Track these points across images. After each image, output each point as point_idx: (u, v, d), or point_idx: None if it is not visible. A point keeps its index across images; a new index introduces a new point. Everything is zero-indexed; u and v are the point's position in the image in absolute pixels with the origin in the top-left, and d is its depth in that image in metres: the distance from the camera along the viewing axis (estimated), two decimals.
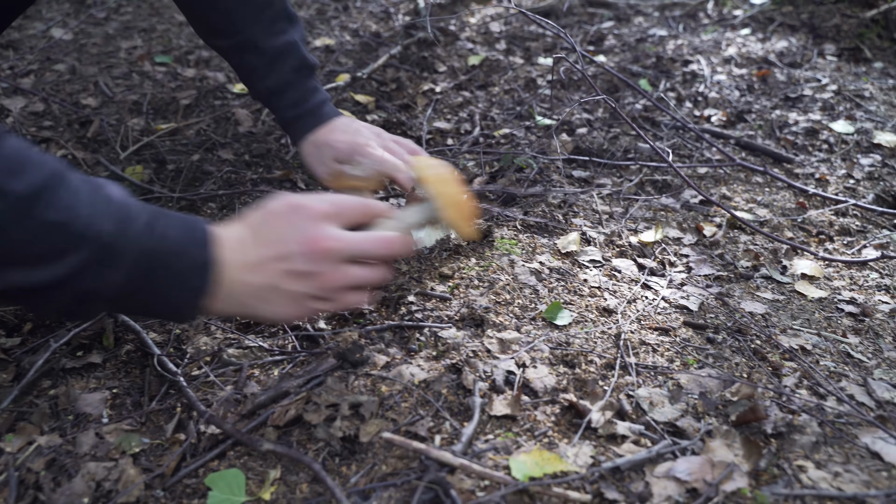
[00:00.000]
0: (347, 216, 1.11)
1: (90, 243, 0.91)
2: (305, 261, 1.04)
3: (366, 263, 1.10)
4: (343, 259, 1.07)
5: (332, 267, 1.06)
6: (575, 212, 1.84)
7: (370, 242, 1.08)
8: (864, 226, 2.02)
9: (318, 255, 1.04)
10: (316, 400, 1.12)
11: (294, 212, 1.07)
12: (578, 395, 1.16)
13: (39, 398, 1.26)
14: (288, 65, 1.66)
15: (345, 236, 1.07)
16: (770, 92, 2.89)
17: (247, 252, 1.05)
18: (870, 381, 1.27)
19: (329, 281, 1.06)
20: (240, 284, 1.04)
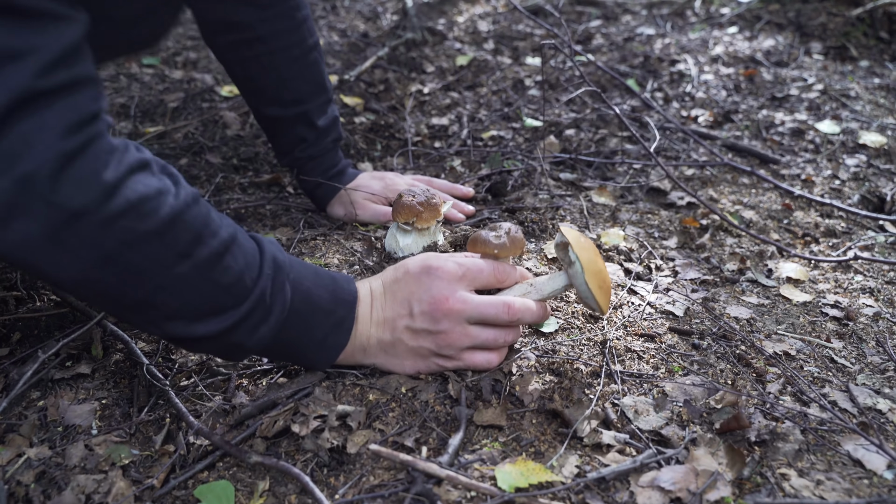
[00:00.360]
0: (478, 279, 1.19)
1: (250, 303, 1.03)
2: (428, 320, 1.14)
3: (493, 326, 1.18)
4: (467, 320, 1.15)
5: (454, 326, 1.14)
6: (562, 215, 1.85)
7: (493, 307, 1.16)
8: (850, 227, 2.04)
9: (441, 314, 1.13)
10: (304, 411, 1.12)
11: (426, 272, 1.16)
12: (564, 404, 1.17)
13: (28, 409, 1.26)
14: (331, 137, 1.81)
15: (469, 298, 1.15)
16: (757, 91, 2.91)
17: (379, 309, 1.18)
18: (852, 387, 1.28)
19: (451, 340, 1.14)
20: (371, 339, 1.17)
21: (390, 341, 1.17)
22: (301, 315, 1.10)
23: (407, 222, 1.50)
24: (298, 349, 1.14)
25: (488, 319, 1.16)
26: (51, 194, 0.83)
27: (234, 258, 1.01)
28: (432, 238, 1.56)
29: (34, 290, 1.56)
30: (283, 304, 1.07)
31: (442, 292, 1.14)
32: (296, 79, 1.73)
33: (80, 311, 1.48)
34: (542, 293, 1.22)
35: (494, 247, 1.23)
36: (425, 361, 1.18)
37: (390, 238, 1.56)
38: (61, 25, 0.86)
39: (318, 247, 1.62)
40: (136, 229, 0.90)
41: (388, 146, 2.42)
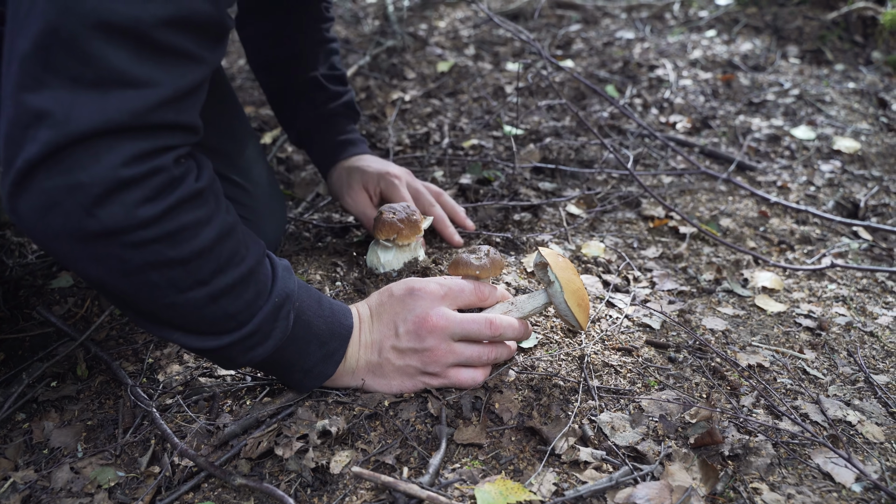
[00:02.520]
0: (460, 298, 1.23)
1: (251, 327, 1.06)
2: (413, 338, 1.18)
3: (477, 343, 1.22)
4: (451, 337, 1.19)
5: (439, 344, 1.18)
6: (542, 227, 1.88)
7: (475, 323, 1.20)
8: (824, 234, 2.08)
9: (426, 331, 1.17)
10: (286, 432, 1.14)
11: (409, 294, 1.20)
12: (543, 421, 1.20)
13: (13, 432, 1.27)
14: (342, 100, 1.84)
15: (452, 315, 1.19)
16: (734, 97, 2.94)
17: (366, 332, 1.22)
18: (823, 400, 1.32)
19: (436, 357, 1.19)
20: (357, 361, 1.21)
21: (377, 362, 1.20)
22: (297, 342, 1.14)
23: (388, 239, 1.52)
24: (287, 371, 1.18)
25: (472, 335, 1.20)
26: (93, 207, 0.88)
27: (247, 289, 1.05)
28: (413, 254, 1.58)
29: (18, 310, 1.57)
30: (283, 331, 1.11)
31: (426, 311, 1.18)
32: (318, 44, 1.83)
33: (64, 331, 1.49)
34: (522, 311, 1.26)
35: (476, 268, 1.26)
36: (412, 380, 1.21)
37: (371, 254, 1.58)
38: (192, 65, 0.93)
39: (301, 262, 1.64)
40: (164, 254, 0.95)
41: None
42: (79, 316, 1.58)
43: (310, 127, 1.83)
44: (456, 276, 1.29)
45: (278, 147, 2.44)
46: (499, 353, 1.24)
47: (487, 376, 1.26)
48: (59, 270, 1.75)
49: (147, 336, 1.47)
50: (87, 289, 1.66)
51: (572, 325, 1.26)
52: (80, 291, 1.65)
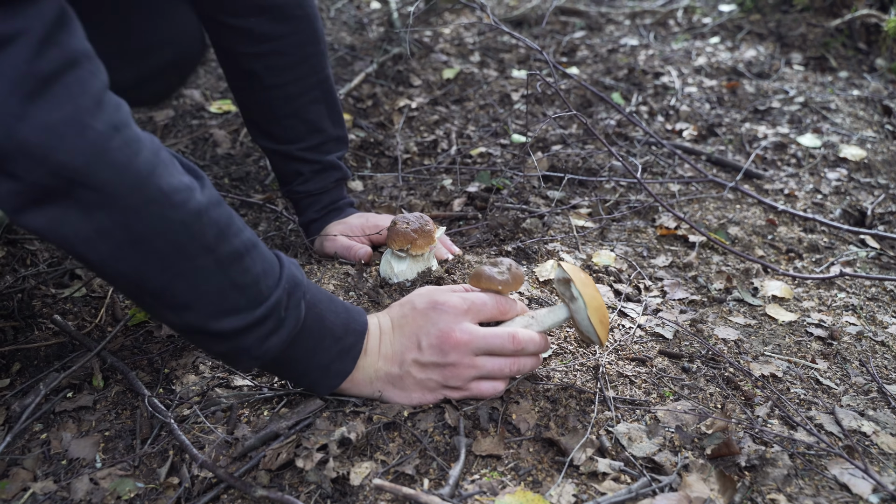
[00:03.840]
0: (482, 313, 1.23)
1: (265, 309, 1.06)
2: (436, 353, 1.17)
3: (499, 356, 1.21)
4: (473, 352, 1.19)
5: (462, 358, 1.18)
6: (552, 236, 1.88)
7: (498, 338, 1.20)
8: (832, 242, 2.09)
9: (450, 347, 1.17)
10: (306, 444, 1.15)
11: (433, 308, 1.20)
12: (560, 432, 1.20)
13: (31, 442, 1.28)
14: (332, 177, 1.79)
15: (476, 331, 1.19)
16: (739, 104, 2.95)
17: (386, 343, 1.22)
18: (837, 410, 1.32)
19: (459, 372, 1.19)
20: (377, 372, 1.21)
21: (398, 374, 1.20)
22: (312, 335, 1.14)
23: (401, 249, 1.52)
24: (303, 369, 1.18)
25: (494, 350, 1.20)
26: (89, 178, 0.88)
27: (253, 261, 1.05)
28: (426, 264, 1.58)
29: (32, 319, 1.58)
30: (296, 320, 1.10)
31: (449, 325, 1.18)
32: (289, 118, 1.71)
33: (78, 340, 1.50)
34: (543, 325, 1.26)
35: (498, 283, 1.27)
36: (433, 393, 1.22)
37: (385, 264, 1.58)
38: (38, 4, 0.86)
39: (314, 272, 1.65)
40: (165, 217, 0.95)
41: (377, 164, 2.45)
42: (93, 326, 1.59)
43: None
44: (477, 288, 1.29)
45: None
46: (522, 365, 1.24)
47: (507, 387, 1.27)
48: (72, 279, 1.76)
49: (162, 346, 1.48)
50: (100, 298, 1.66)
51: (592, 341, 1.27)
52: (94, 301, 1.66)
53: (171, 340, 1.50)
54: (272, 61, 1.64)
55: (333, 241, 1.74)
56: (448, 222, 1.97)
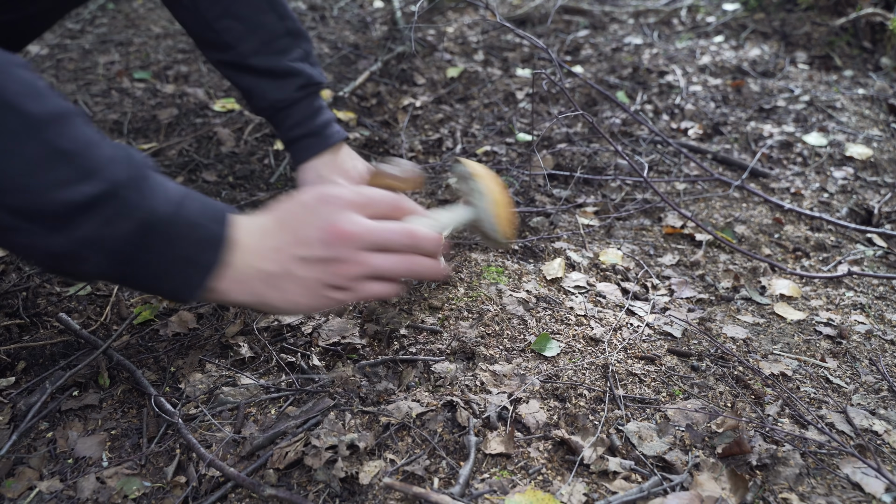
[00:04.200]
0: (376, 208, 1.08)
1: (101, 183, 0.86)
2: (323, 246, 1.02)
3: (393, 252, 1.06)
4: (364, 247, 1.04)
5: (351, 253, 1.03)
6: (558, 234, 1.87)
7: (393, 232, 1.06)
8: (839, 241, 2.07)
9: (337, 240, 1.02)
10: (315, 442, 1.14)
11: (321, 200, 1.05)
12: (570, 431, 1.19)
13: (37, 441, 1.27)
14: (292, 84, 1.62)
15: (367, 223, 1.04)
16: (745, 103, 2.94)
17: (265, 238, 1.04)
18: (848, 409, 1.32)
19: (348, 269, 1.03)
20: (253, 270, 1.02)
21: (277, 273, 1.03)
22: (168, 222, 0.94)
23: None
24: (163, 266, 0.96)
25: (388, 245, 1.06)
26: None
27: (77, 129, 0.87)
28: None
29: (37, 317, 1.57)
30: (148, 202, 0.91)
31: (338, 217, 1.04)
32: (221, 18, 1.55)
33: (84, 338, 1.49)
34: (442, 224, 1.17)
35: (395, 179, 1.20)
36: (317, 297, 1.06)
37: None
38: None
39: None
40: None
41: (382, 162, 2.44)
42: (98, 324, 1.58)
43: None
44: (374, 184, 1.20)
45: None
46: (418, 265, 1.09)
47: (399, 291, 1.12)
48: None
49: (168, 344, 1.47)
50: (105, 297, 1.65)
51: (496, 240, 1.19)
52: (99, 299, 1.65)
53: (177, 339, 1.49)
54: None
55: None
56: None
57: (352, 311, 1.49)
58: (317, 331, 1.43)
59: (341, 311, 1.48)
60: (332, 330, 1.43)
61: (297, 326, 1.45)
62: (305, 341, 1.41)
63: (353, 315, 1.48)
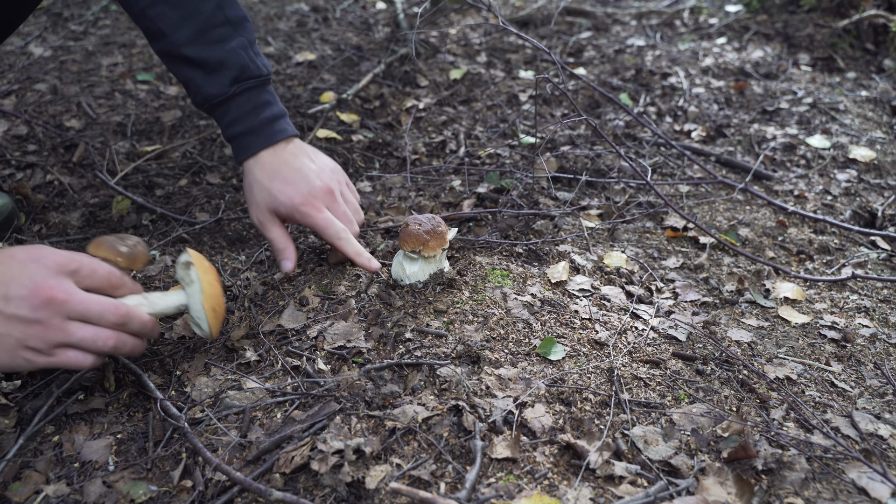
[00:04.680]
0: (88, 277, 1.11)
1: None
2: (26, 306, 1.04)
3: (98, 325, 1.11)
4: (70, 315, 1.07)
5: (52, 318, 1.06)
6: (563, 237, 1.88)
7: (100, 304, 1.09)
8: (843, 243, 2.08)
9: (41, 302, 1.05)
10: (321, 447, 1.14)
11: (34, 259, 1.07)
12: (575, 435, 1.20)
13: (44, 445, 1.27)
14: (226, 76, 1.53)
15: (74, 291, 1.08)
16: (748, 105, 2.94)
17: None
18: (854, 413, 1.32)
19: (47, 333, 1.06)
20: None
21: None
22: None
23: (413, 250, 1.52)
24: None
25: (93, 317, 1.10)
26: None
27: None
28: (438, 265, 1.58)
29: None
30: None
31: (47, 280, 1.06)
32: (153, 6, 1.50)
33: None
34: (154, 307, 1.23)
35: (118, 254, 1.22)
36: (12, 354, 1.08)
37: (396, 266, 1.58)
38: None
39: (324, 273, 1.64)
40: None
41: (386, 164, 2.44)
42: None
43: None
44: (95, 255, 1.21)
45: None
46: (122, 343, 1.14)
47: (97, 364, 1.17)
48: None
49: (173, 348, 1.47)
50: None
51: (203, 331, 1.27)
52: None
53: (183, 342, 1.49)
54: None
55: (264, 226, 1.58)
56: (458, 223, 1.96)
57: (357, 315, 1.49)
58: (322, 335, 1.44)
59: (346, 315, 1.48)
60: (338, 334, 1.43)
61: (303, 330, 1.46)
62: (311, 345, 1.42)
63: (359, 319, 1.48)
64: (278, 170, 1.55)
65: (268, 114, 1.57)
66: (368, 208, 2.04)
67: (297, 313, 1.51)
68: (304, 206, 1.51)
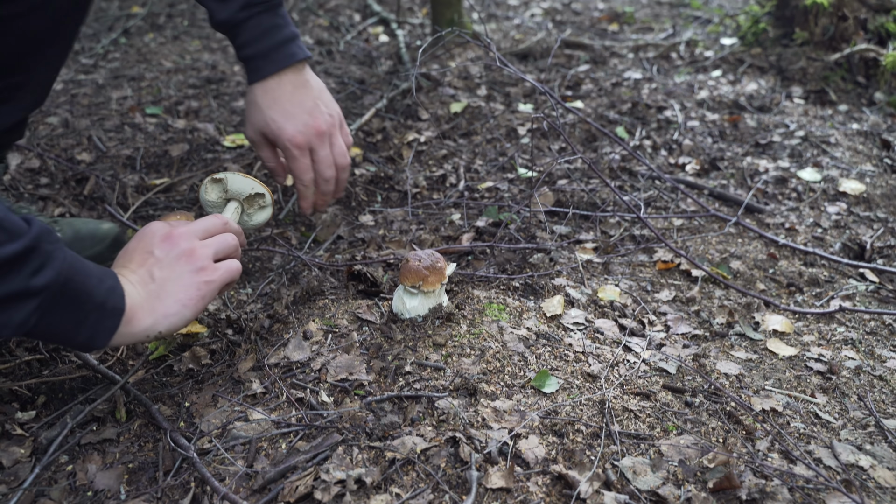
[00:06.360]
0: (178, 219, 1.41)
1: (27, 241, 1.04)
2: (169, 247, 1.29)
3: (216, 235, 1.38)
4: (197, 235, 1.34)
5: (193, 241, 1.31)
6: (559, 270, 1.94)
7: (208, 220, 1.39)
8: (832, 276, 2.13)
9: (175, 239, 1.30)
10: (324, 477, 1.20)
11: (142, 234, 1.33)
12: (567, 466, 1.25)
13: (58, 474, 1.33)
14: (236, 2, 1.55)
15: (187, 223, 1.35)
16: (741, 138, 3.01)
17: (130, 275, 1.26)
18: (835, 444, 1.37)
19: (199, 252, 1.30)
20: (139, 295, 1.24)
21: (155, 288, 1.26)
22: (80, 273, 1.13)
23: (413, 285, 1.58)
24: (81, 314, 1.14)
25: (210, 228, 1.37)
26: None
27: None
28: (437, 300, 1.64)
29: (56, 352, 1.63)
30: (62, 254, 1.10)
31: (165, 230, 1.32)
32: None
33: (102, 374, 1.55)
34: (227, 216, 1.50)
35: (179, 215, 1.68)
36: (194, 285, 1.29)
37: (397, 300, 1.64)
38: None
39: (327, 307, 1.70)
40: None
41: (388, 198, 2.51)
42: (114, 359, 1.64)
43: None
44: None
45: None
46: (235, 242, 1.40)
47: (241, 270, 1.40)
48: None
49: (182, 380, 1.53)
50: None
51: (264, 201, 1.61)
52: None
53: (191, 374, 1.55)
54: None
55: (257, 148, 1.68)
56: (457, 257, 2.02)
57: (359, 348, 1.55)
58: (325, 367, 1.49)
59: (349, 348, 1.54)
60: (341, 366, 1.49)
61: (307, 363, 1.51)
62: (315, 377, 1.47)
63: (361, 351, 1.54)
64: (277, 98, 1.60)
65: (278, 37, 1.60)
66: (370, 242, 2.11)
67: (302, 346, 1.56)
68: (289, 142, 1.59)
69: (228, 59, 4.07)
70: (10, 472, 1.31)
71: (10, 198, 2.36)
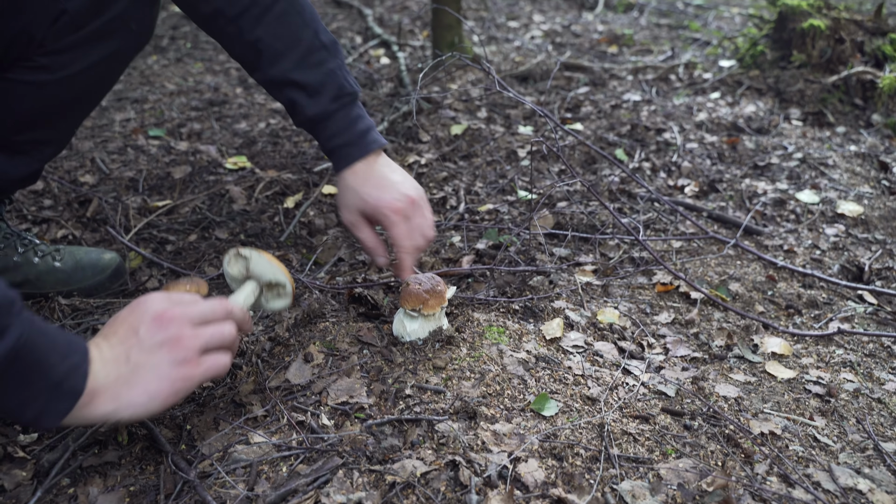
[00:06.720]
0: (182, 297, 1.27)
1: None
2: (159, 332, 1.20)
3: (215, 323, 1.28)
4: (192, 321, 1.24)
5: (184, 329, 1.22)
6: (558, 293, 1.95)
7: (209, 304, 1.29)
8: (831, 298, 2.14)
9: (167, 322, 1.21)
10: (325, 500, 1.20)
11: (138, 304, 1.24)
12: (566, 489, 1.26)
13: (59, 497, 1.33)
14: (327, 96, 1.69)
15: (185, 303, 1.25)
16: (740, 160, 3.04)
17: (107, 350, 1.18)
18: (834, 468, 1.38)
19: (185, 343, 1.21)
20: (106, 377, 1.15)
21: (128, 372, 1.17)
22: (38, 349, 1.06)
23: (414, 309, 1.59)
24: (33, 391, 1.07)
25: (209, 315, 1.27)
26: None
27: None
28: (437, 323, 1.65)
29: None
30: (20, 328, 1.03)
31: (160, 306, 1.23)
32: (262, 39, 1.67)
33: None
34: (237, 300, 1.44)
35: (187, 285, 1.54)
36: (168, 378, 1.19)
37: (397, 323, 1.65)
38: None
39: (328, 330, 1.71)
40: None
41: None
42: None
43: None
44: None
45: (301, 212, 2.52)
46: (234, 332, 1.31)
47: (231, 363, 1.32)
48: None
49: (184, 403, 1.54)
50: None
51: (284, 291, 1.52)
52: None
53: (193, 398, 1.56)
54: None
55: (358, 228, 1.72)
56: (457, 279, 2.04)
57: (359, 371, 1.56)
58: (326, 390, 1.50)
59: (349, 371, 1.55)
60: (341, 389, 1.50)
61: (308, 386, 1.52)
62: (315, 400, 1.48)
63: (361, 375, 1.55)
64: (369, 178, 1.71)
65: (361, 126, 1.73)
66: (371, 264, 2.12)
67: (303, 369, 1.57)
68: (387, 209, 1.66)
69: (230, 82, 4.11)
70: (11, 495, 1.31)
71: (13, 219, 2.38)
